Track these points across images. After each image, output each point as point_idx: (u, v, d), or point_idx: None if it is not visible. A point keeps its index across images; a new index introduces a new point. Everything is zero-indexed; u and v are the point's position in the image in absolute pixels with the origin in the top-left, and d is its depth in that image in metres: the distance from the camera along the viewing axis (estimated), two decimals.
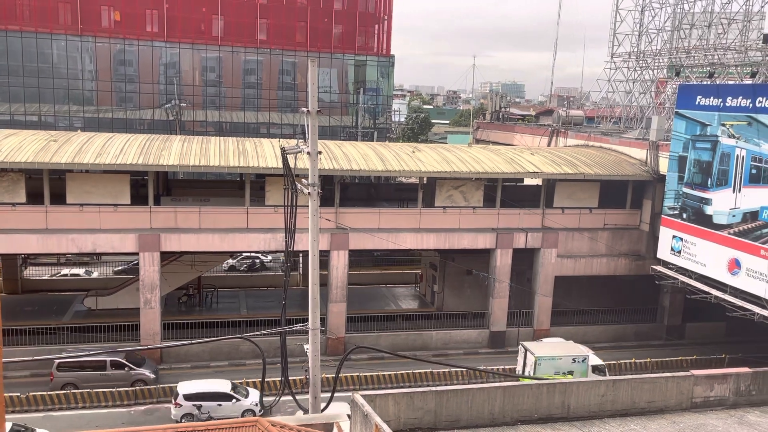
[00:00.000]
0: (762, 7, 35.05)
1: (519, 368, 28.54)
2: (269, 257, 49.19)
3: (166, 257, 31.93)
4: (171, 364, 30.46)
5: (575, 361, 27.58)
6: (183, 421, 24.12)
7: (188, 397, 25.06)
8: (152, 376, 27.98)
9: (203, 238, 30.27)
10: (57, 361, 26.45)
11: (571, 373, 26.98)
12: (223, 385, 26.01)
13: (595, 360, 28.84)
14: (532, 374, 26.86)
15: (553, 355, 27.53)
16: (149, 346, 27.01)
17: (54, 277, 42.44)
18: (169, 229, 29.98)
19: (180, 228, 30.18)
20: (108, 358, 27.27)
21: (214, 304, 37.63)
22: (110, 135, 33.87)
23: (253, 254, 47.96)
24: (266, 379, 25.30)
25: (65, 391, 26.07)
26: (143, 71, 59.50)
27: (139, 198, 30.61)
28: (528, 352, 27.70)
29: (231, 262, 47.86)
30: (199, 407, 24.83)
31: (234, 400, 25.48)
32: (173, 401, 25.22)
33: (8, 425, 22.08)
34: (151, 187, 30.17)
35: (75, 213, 29.18)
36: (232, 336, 27.22)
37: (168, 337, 30.62)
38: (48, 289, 39.26)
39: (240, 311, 36.70)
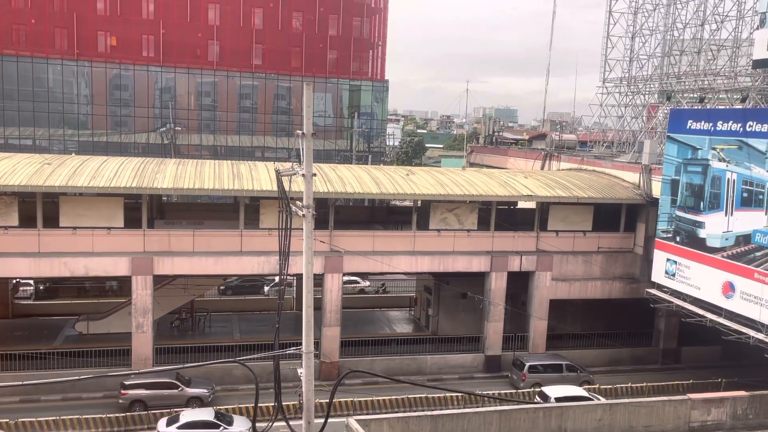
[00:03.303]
0: (750, 33, 35.60)
1: None
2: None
3: (159, 281, 31.70)
4: None
5: None
6: None
7: None
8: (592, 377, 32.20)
9: (197, 262, 30.11)
10: (528, 364, 31.68)
11: None
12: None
13: None
14: None
15: None
16: (140, 371, 26.64)
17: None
18: (162, 252, 29.83)
19: (173, 251, 30.01)
20: (564, 362, 32.39)
21: (207, 328, 37.29)
22: (104, 158, 33.85)
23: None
24: (259, 405, 24.95)
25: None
26: (138, 95, 59.82)
27: (132, 221, 30.50)
28: None
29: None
30: None
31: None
32: None
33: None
34: (145, 210, 30.08)
35: (67, 236, 29.01)
36: (224, 360, 26.97)
37: (160, 362, 30.24)
38: (39, 314, 38.83)
39: (233, 335, 36.35)
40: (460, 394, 28.98)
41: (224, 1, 60.92)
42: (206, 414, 25.37)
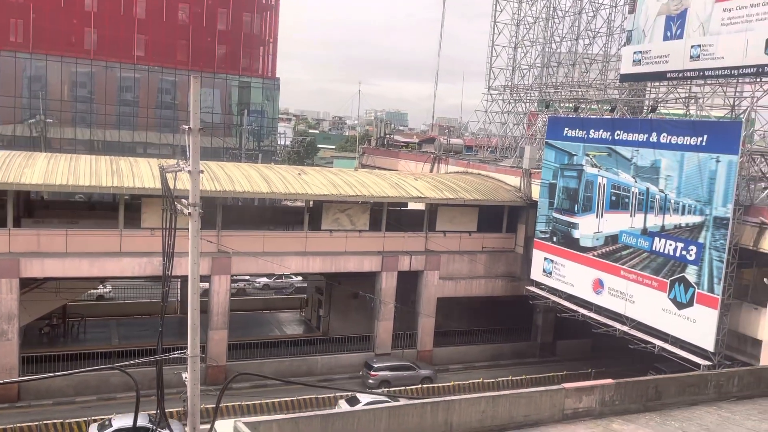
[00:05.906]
0: (618, 49, 38.63)
1: None
2: None
3: (27, 284, 29.23)
4: (30, 401, 27.73)
5: None
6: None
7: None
8: None
9: (70, 263, 28.07)
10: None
11: None
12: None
13: None
14: None
15: None
16: (3, 381, 24.40)
17: None
18: (30, 253, 27.54)
19: (43, 252, 27.80)
20: None
21: (81, 335, 34.90)
22: None
23: None
24: (140, 412, 23.66)
25: None
26: (4, 83, 54.87)
27: None
28: None
29: None
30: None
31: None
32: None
33: None
34: (11, 207, 27.60)
35: None
36: (99, 367, 25.32)
37: (27, 372, 27.89)
38: None
39: (111, 341, 34.28)
40: (350, 393, 29.08)
41: None
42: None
